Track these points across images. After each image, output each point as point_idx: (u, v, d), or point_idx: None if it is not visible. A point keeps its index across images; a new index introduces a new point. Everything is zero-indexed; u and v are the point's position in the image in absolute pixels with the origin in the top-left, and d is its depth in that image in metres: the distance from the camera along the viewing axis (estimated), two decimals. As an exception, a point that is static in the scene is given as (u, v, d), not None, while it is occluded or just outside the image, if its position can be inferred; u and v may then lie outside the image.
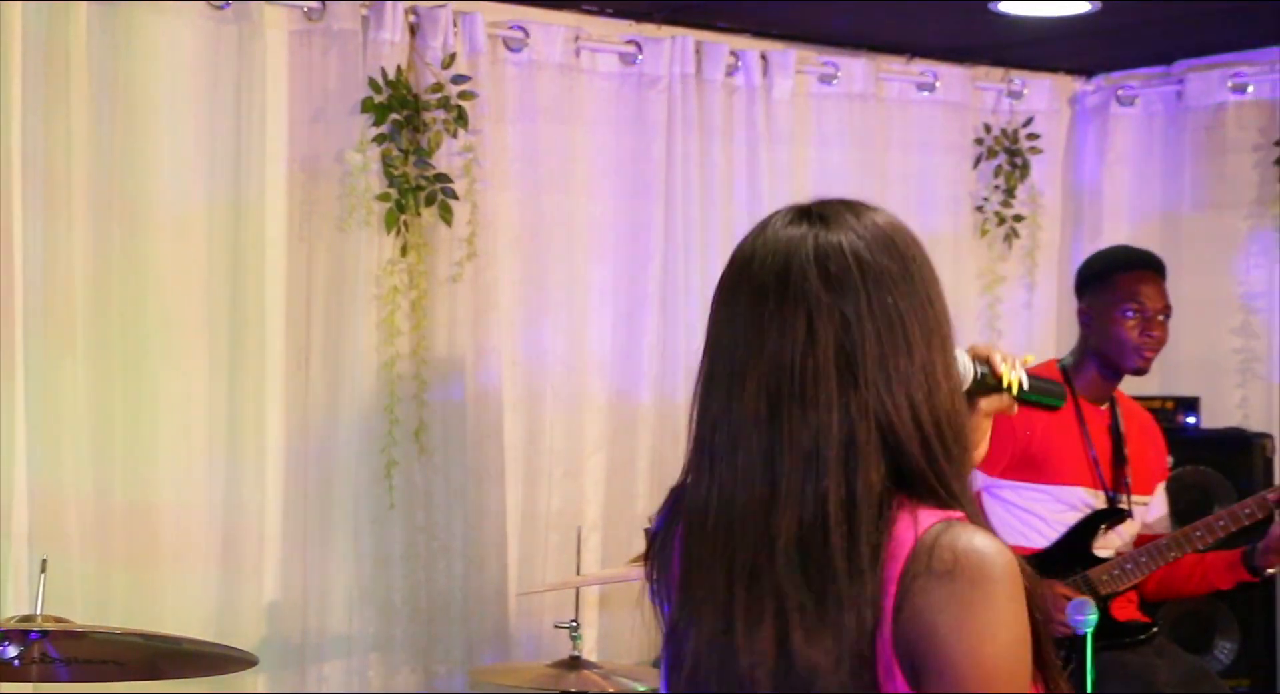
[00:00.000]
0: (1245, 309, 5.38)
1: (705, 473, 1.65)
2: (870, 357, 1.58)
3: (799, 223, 1.66)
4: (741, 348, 1.62)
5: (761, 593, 1.58)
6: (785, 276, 1.61)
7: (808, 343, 1.59)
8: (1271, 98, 5.29)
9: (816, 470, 1.57)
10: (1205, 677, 4.21)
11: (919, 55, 5.37)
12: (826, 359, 1.58)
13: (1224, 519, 4.02)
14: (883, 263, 1.62)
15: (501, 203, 4.54)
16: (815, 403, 1.58)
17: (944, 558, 1.54)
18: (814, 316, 1.59)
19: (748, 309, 1.63)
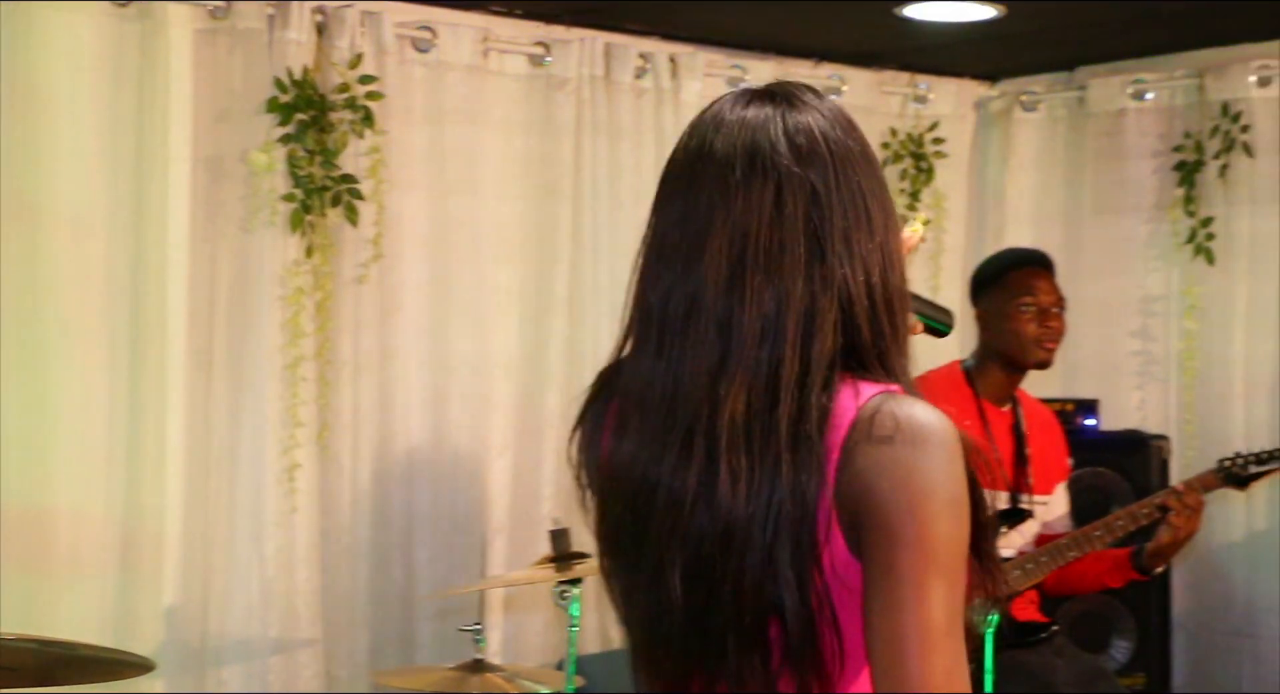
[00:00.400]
0: (1144, 312, 5.46)
1: (652, 344, 1.65)
2: (836, 230, 1.61)
3: (762, 103, 1.67)
4: (702, 219, 1.63)
5: (695, 451, 1.59)
6: (753, 150, 1.63)
7: (775, 212, 1.61)
8: (1170, 104, 5.36)
9: (774, 336, 1.59)
10: (1102, 675, 4.28)
11: (826, 59, 5.40)
12: (794, 229, 1.60)
13: (1123, 519, 4.09)
14: (847, 142, 1.66)
15: (408, 204, 4.52)
16: (780, 271, 1.59)
17: (885, 424, 1.56)
18: (783, 187, 1.61)
19: (711, 181, 1.64)
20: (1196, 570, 5.24)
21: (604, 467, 1.71)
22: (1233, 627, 5.20)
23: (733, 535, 1.57)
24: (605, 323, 4.84)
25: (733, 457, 1.57)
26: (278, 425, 4.26)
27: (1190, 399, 5.31)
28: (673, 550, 1.61)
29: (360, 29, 4.38)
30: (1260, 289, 5.16)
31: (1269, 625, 5.12)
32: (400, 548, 4.50)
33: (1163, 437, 5.13)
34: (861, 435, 1.56)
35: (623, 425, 1.68)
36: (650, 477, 1.62)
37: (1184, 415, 5.31)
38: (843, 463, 1.56)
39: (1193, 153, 5.25)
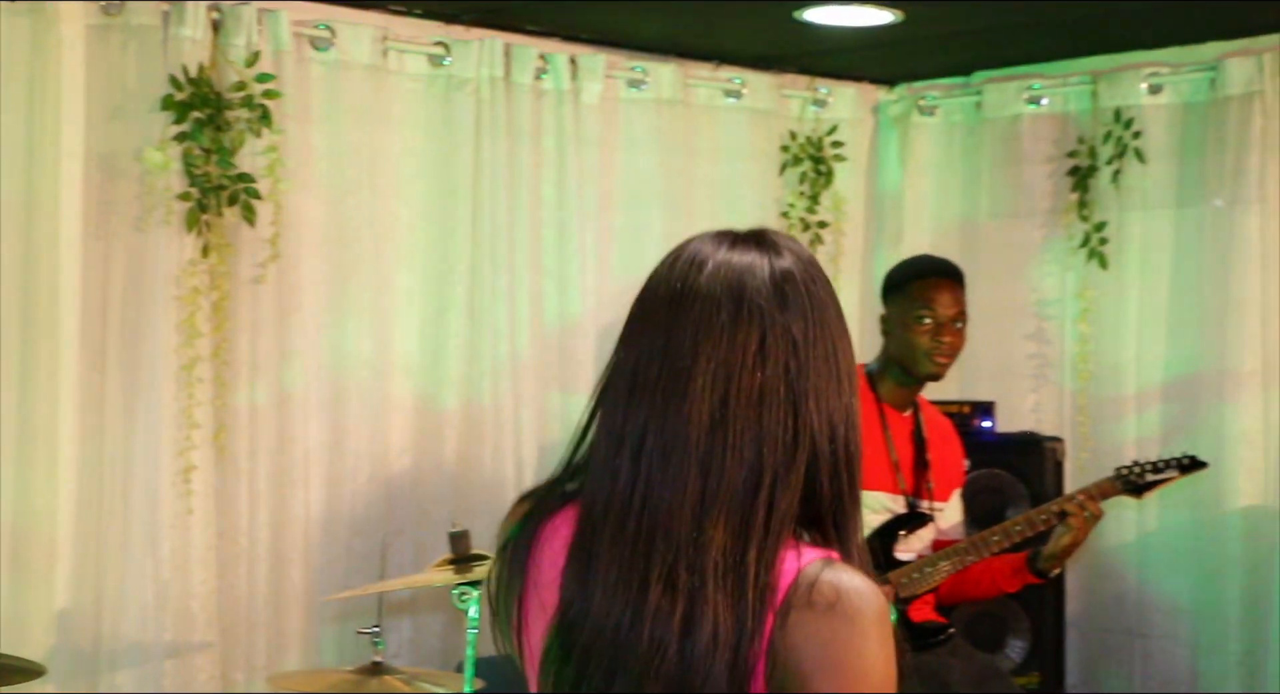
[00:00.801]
0: (1039, 316, 5.52)
1: (624, 475, 1.62)
2: (811, 383, 1.62)
3: (746, 247, 1.67)
4: (686, 356, 1.62)
5: (679, 589, 1.57)
6: (739, 292, 1.63)
7: (758, 357, 1.60)
8: (1065, 110, 5.43)
9: (753, 483, 1.58)
10: (997, 675, 4.32)
11: (726, 62, 5.42)
12: (775, 377, 1.60)
13: (1021, 525, 4.13)
14: (821, 296, 1.67)
15: (306, 204, 4.48)
16: (759, 419, 1.59)
17: (825, 593, 1.55)
18: (767, 334, 1.61)
19: (696, 320, 1.63)
20: (1089, 571, 5.30)
21: (560, 600, 1.66)
22: (1124, 626, 5.27)
23: (705, 675, 1.55)
24: (504, 324, 4.83)
25: (716, 598, 1.55)
26: (173, 427, 4.20)
27: (1084, 402, 5.37)
28: (647, 686, 1.58)
29: (257, 27, 4.34)
30: (1152, 293, 5.24)
31: (1159, 625, 5.20)
32: (298, 550, 4.46)
33: (1057, 439, 5.19)
34: (800, 601, 1.55)
35: (586, 552, 1.64)
36: (629, 611, 1.59)
37: (1078, 418, 5.37)
38: (776, 628, 1.55)
39: (1087, 158, 5.32)
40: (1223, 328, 5.04)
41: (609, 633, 1.59)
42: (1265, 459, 4.95)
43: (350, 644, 4.36)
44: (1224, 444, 4.96)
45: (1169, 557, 5.19)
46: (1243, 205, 5.00)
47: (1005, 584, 4.23)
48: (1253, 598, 4.95)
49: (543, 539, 1.71)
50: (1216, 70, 5.07)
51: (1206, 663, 5.08)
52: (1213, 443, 4.90)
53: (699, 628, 1.55)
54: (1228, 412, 5.01)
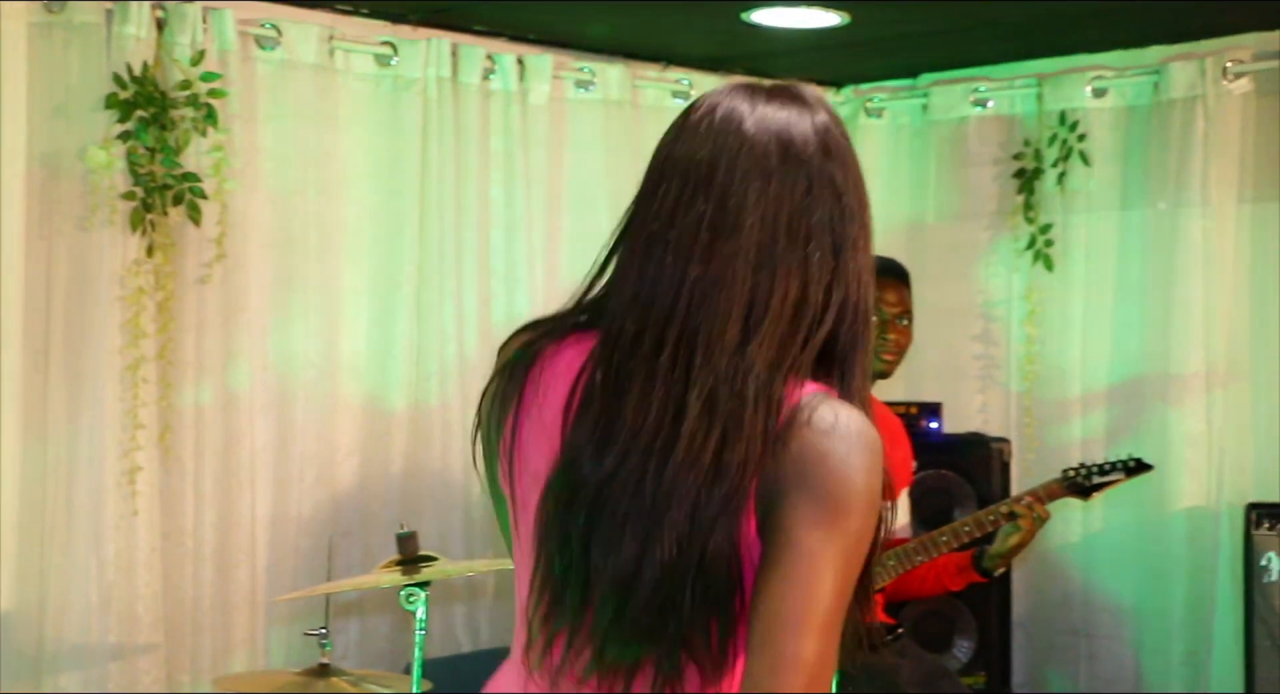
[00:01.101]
0: (986, 317, 5.55)
1: (663, 303, 1.67)
2: (849, 230, 1.69)
3: (783, 101, 1.73)
4: (737, 194, 1.67)
5: (715, 416, 1.62)
6: (788, 142, 1.69)
7: (805, 201, 1.67)
8: (1010, 113, 5.46)
9: (796, 317, 1.65)
10: (944, 675, 4.33)
11: (674, 63, 5.42)
12: (822, 220, 1.67)
13: (970, 525, 4.15)
14: (853, 150, 1.75)
15: (253, 203, 4.46)
16: (808, 258, 1.66)
17: (825, 418, 1.61)
18: (814, 181, 1.68)
19: (746, 163, 1.68)
20: (1035, 571, 5.34)
21: (570, 419, 1.71)
22: (1070, 626, 5.30)
23: (685, 495, 1.60)
24: (452, 324, 4.82)
25: (754, 420, 1.61)
26: (117, 427, 4.17)
27: (1030, 403, 5.41)
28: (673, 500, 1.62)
29: (202, 25, 4.31)
30: (1097, 295, 5.28)
31: (1104, 625, 5.24)
32: (245, 551, 4.43)
33: (1004, 439, 5.22)
34: (801, 423, 1.61)
35: (610, 373, 1.68)
36: (666, 429, 1.63)
37: (1024, 419, 5.40)
38: (773, 445, 1.60)
39: (1032, 160, 5.35)
40: (1167, 330, 5.08)
41: (641, 448, 1.63)
42: (1208, 461, 4.99)
43: (297, 646, 4.34)
44: (1168, 445, 5.00)
45: (1114, 557, 5.22)
46: (1186, 208, 5.04)
47: (950, 583, 4.26)
48: (1196, 598, 4.99)
49: (545, 362, 1.77)
50: (1160, 74, 5.11)
51: (1150, 663, 5.12)
52: (1157, 444, 4.94)
53: (732, 448, 1.60)
54: (1172, 413, 5.05)
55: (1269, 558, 4.60)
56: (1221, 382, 4.99)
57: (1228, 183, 4.97)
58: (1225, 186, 4.98)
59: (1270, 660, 4.55)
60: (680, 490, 1.60)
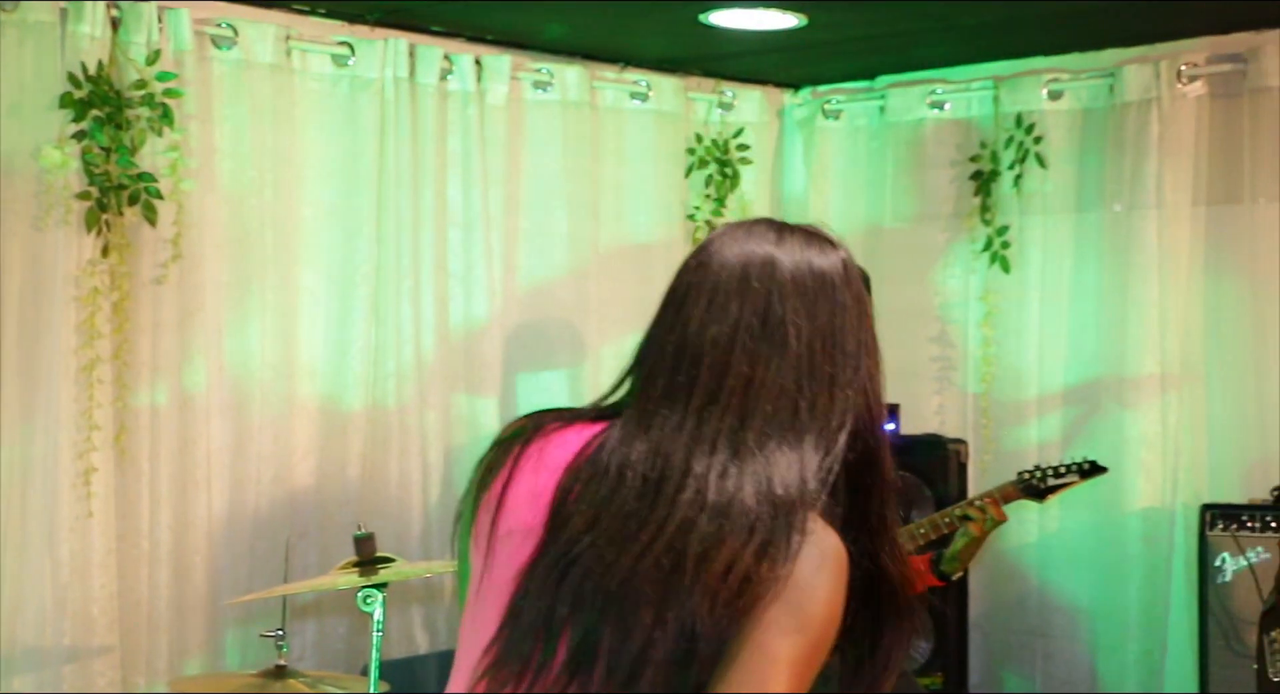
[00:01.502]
0: (943, 319, 5.57)
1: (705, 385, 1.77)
2: (871, 351, 1.84)
3: (809, 242, 1.85)
4: (779, 315, 1.78)
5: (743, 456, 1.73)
6: (824, 278, 1.81)
7: (840, 322, 1.80)
8: (967, 115, 5.49)
9: (829, 410, 1.77)
10: (901, 675, 4.34)
11: (632, 65, 5.43)
12: (853, 346, 1.81)
13: (925, 527, 4.17)
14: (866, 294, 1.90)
15: (209, 203, 4.44)
16: (842, 368, 1.79)
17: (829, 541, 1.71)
18: (843, 306, 1.81)
19: (793, 291, 1.79)
20: (992, 572, 5.36)
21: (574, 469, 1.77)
22: (1026, 626, 5.32)
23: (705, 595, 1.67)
24: (409, 325, 4.80)
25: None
26: (72, 428, 4.14)
27: (987, 405, 5.43)
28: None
29: (158, 25, 4.29)
30: (1053, 297, 5.30)
31: (1060, 625, 5.26)
32: (201, 552, 4.41)
33: (960, 441, 5.24)
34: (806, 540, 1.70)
35: (637, 420, 1.77)
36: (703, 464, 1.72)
37: (981, 420, 5.43)
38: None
39: (989, 163, 5.38)
40: (1122, 331, 5.10)
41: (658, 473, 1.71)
42: (1163, 462, 5.02)
43: (254, 647, 4.32)
44: (1123, 447, 5.03)
45: (1070, 558, 5.25)
46: (1141, 210, 5.07)
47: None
48: (1151, 599, 5.02)
49: (548, 436, 1.82)
50: (1115, 77, 5.14)
51: (1106, 663, 5.15)
52: (1113, 445, 4.97)
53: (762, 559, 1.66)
54: (1127, 415, 5.08)
55: (1223, 559, 4.62)
56: (1176, 383, 5.02)
57: (1182, 185, 5.00)
58: (1180, 189, 5.01)
59: (1224, 660, 4.57)
60: (698, 589, 1.65)
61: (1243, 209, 4.95)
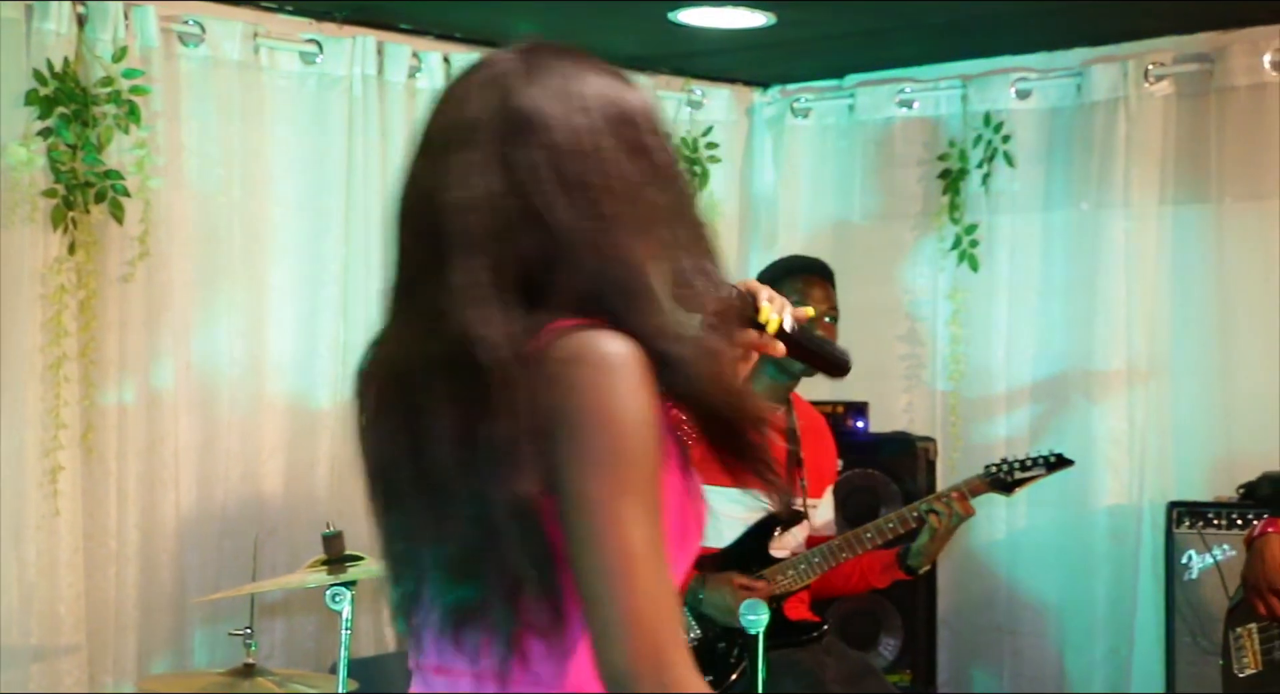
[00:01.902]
0: (911, 317, 5.58)
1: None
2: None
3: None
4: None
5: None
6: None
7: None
8: (935, 114, 5.50)
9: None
10: (870, 672, 4.35)
11: (601, 62, 5.41)
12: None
13: (893, 522, 4.17)
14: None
15: (177, 201, 4.43)
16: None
17: (567, 346, 1.55)
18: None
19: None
20: (960, 569, 5.37)
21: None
22: (995, 623, 5.34)
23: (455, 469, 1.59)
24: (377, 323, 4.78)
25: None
26: (39, 427, 4.13)
27: (955, 402, 5.44)
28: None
29: (124, 22, 4.27)
30: (1020, 295, 5.32)
31: (1028, 622, 5.28)
32: (169, 551, 4.40)
33: (929, 438, 5.25)
34: (543, 360, 1.55)
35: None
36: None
37: (949, 418, 5.44)
38: (519, 392, 1.55)
39: (957, 161, 5.39)
40: (1089, 329, 5.12)
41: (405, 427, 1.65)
42: (1130, 458, 5.04)
43: (222, 646, 4.31)
44: (1091, 443, 5.04)
45: (1038, 555, 5.26)
46: (1108, 209, 5.09)
47: (876, 580, 4.28)
48: (1118, 596, 5.04)
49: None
50: (1082, 76, 5.16)
51: (1073, 660, 5.17)
52: (1080, 442, 4.98)
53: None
54: (1095, 411, 5.10)
55: (1189, 556, 4.64)
56: (1143, 381, 5.04)
57: (1149, 184, 5.03)
58: (1147, 188, 5.03)
59: (1190, 657, 4.59)
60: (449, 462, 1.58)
61: (1209, 208, 4.98)
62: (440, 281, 1.62)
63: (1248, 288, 4.91)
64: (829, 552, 4.16)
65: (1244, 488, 4.72)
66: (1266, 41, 4.84)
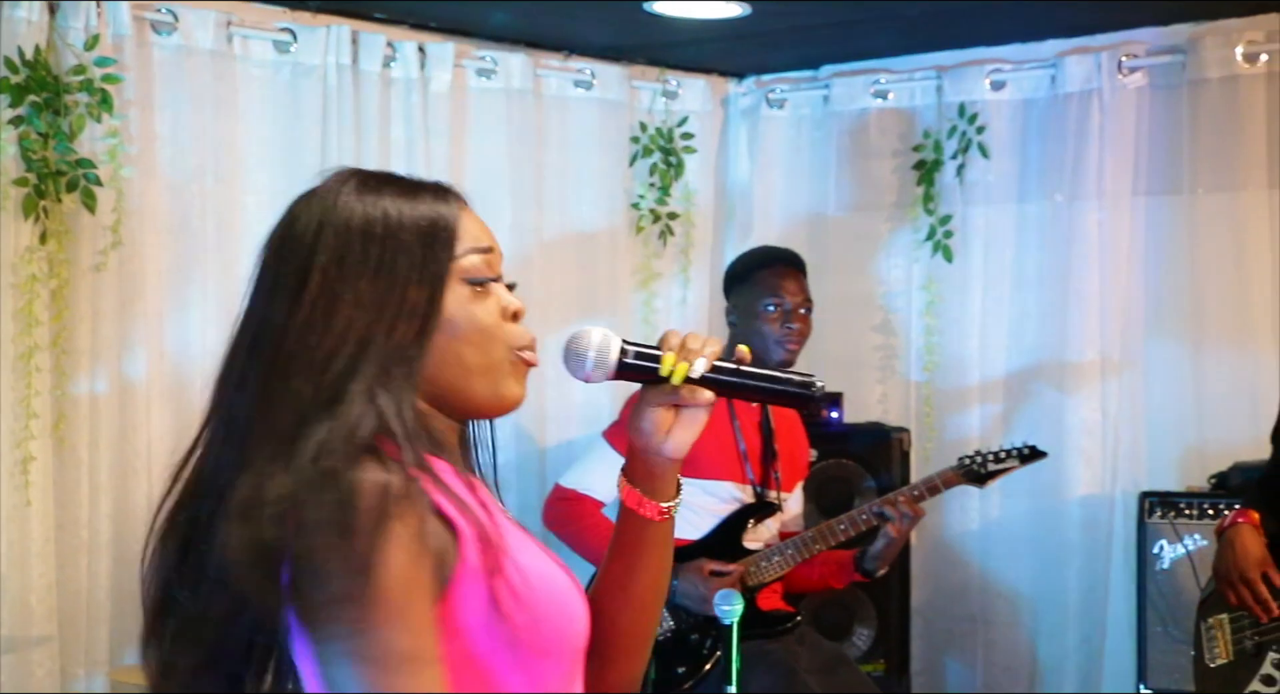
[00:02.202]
0: (885, 308, 5.59)
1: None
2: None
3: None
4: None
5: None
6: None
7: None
8: (910, 105, 5.50)
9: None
10: (843, 662, 4.37)
11: (577, 53, 5.41)
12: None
13: (844, 524, 4.18)
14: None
15: (149, 190, 4.41)
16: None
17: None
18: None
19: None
20: (934, 559, 5.38)
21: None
22: (968, 613, 5.36)
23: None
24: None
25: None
26: (10, 417, 4.11)
27: (929, 393, 5.45)
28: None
29: (96, 10, 4.25)
30: (995, 287, 5.33)
31: (1002, 612, 5.29)
32: (141, 541, 4.35)
33: (903, 429, 5.26)
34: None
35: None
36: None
37: (924, 408, 5.45)
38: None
39: (932, 152, 5.39)
40: (1063, 320, 5.14)
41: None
42: (1103, 449, 5.06)
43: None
44: (1064, 434, 5.06)
45: (1011, 545, 5.28)
46: (1082, 200, 5.11)
47: (833, 580, 4.31)
48: (1091, 586, 5.06)
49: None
50: (1057, 67, 5.17)
51: (1046, 649, 5.19)
52: (1053, 433, 5.00)
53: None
54: (1068, 402, 5.12)
55: (1161, 546, 4.66)
56: (1116, 372, 5.06)
57: (1123, 176, 5.04)
58: (1120, 179, 5.04)
59: (1162, 647, 4.61)
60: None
61: (1182, 200, 4.99)
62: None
63: (1220, 279, 4.93)
64: (801, 543, 4.17)
65: (1216, 478, 4.74)
66: (1239, 33, 4.86)
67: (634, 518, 1.85)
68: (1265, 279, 4.85)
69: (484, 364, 1.73)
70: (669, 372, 1.78)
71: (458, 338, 1.71)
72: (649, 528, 1.85)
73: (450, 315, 1.71)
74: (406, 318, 1.67)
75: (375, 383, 1.63)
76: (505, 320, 1.77)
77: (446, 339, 1.70)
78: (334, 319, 1.66)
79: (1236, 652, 3.87)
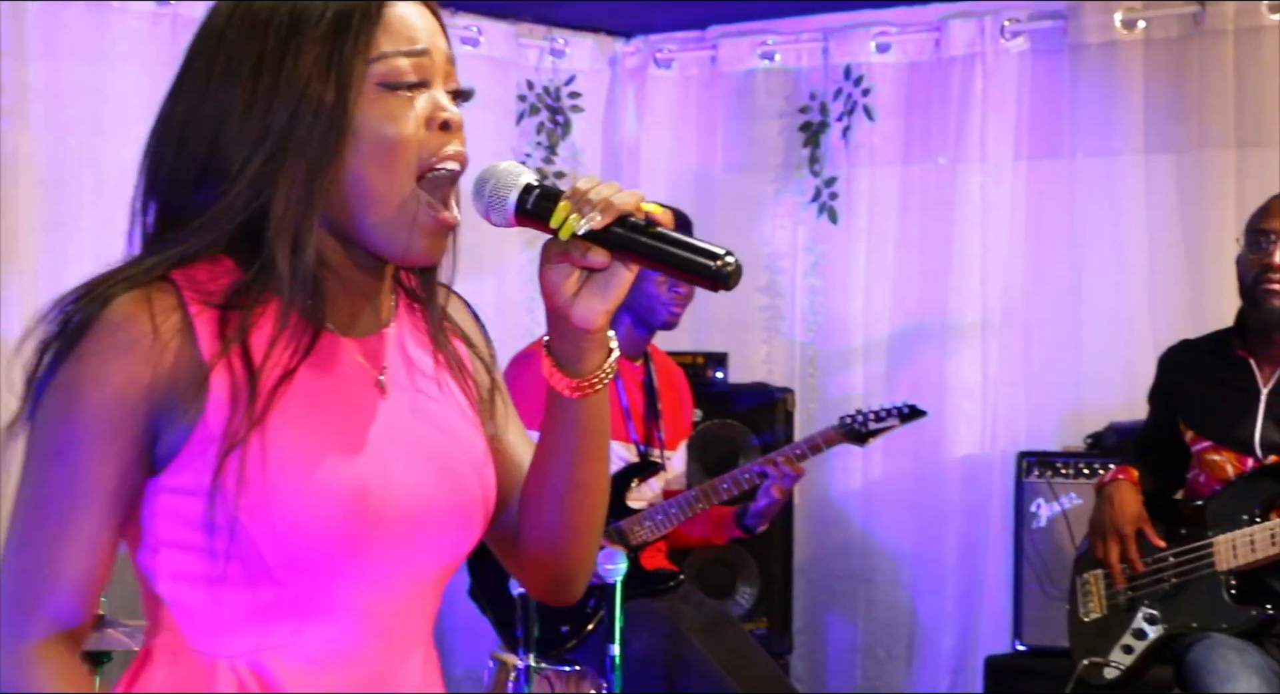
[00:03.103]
0: (771, 269, 5.61)
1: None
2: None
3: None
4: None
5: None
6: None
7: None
8: (797, 67, 5.52)
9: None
10: (726, 620, 4.39)
11: (463, 10, 5.36)
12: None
13: (748, 473, 4.20)
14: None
15: (23, 143, 4.32)
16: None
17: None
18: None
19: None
20: (816, 518, 5.43)
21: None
22: (850, 571, 5.41)
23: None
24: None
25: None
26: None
27: (813, 354, 5.49)
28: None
29: (-29, -43, 4.15)
30: (879, 249, 5.37)
31: (882, 570, 5.35)
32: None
33: (788, 390, 5.29)
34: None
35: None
36: None
37: (808, 369, 5.48)
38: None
39: (818, 114, 5.41)
40: (945, 282, 5.19)
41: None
42: (984, 409, 5.13)
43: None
44: (945, 394, 5.12)
45: (892, 505, 5.33)
46: (965, 163, 5.16)
47: (715, 537, 4.33)
48: (970, 544, 5.13)
49: None
50: (941, 31, 5.20)
51: (925, 607, 5.25)
52: (935, 394, 5.05)
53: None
54: (949, 363, 5.17)
55: (1038, 504, 4.73)
56: (997, 333, 5.12)
57: (1005, 139, 5.10)
58: (1002, 143, 5.10)
59: (1039, 603, 4.69)
60: None
61: (1062, 164, 5.06)
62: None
63: (1099, 242, 5.01)
64: (685, 502, 4.18)
65: (1091, 438, 4.81)
66: (1118, 1, 4.91)
67: (549, 391, 1.60)
68: (1140, 243, 4.93)
69: (388, 196, 1.54)
70: (559, 223, 1.54)
71: (360, 154, 1.51)
72: (559, 403, 1.60)
73: (358, 126, 1.51)
74: (310, 124, 1.49)
75: (268, 198, 1.49)
76: (431, 131, 1.56)
77: (351, 154, 1.51)
78: (245, 119, 1.52)
79: (1110, 606, 3.93)
